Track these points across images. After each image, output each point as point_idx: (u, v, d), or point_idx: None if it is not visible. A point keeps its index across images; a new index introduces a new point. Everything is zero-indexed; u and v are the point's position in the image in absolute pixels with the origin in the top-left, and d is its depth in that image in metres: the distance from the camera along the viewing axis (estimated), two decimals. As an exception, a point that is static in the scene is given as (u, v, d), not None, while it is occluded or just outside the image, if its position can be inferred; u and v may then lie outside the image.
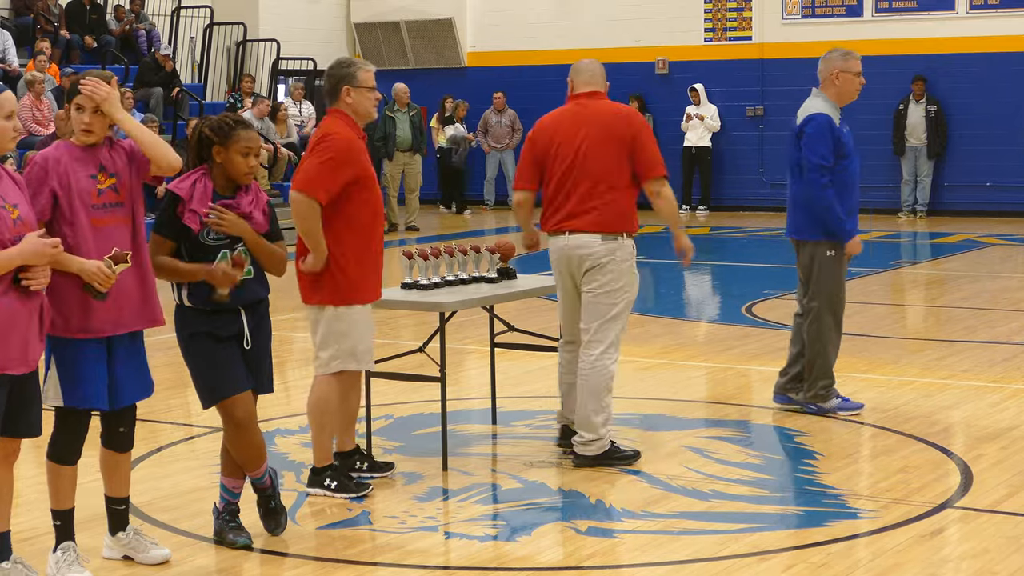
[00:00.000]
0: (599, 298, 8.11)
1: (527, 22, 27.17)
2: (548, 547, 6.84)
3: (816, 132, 9.18)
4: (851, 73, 9.31)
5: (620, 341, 8.20)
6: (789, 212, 9.46)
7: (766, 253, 20.00)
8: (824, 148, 9.15)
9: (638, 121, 8.21)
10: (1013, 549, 6.65)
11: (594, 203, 8.10)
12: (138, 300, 6.27)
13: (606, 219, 8.09)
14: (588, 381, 8.11)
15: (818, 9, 24.99)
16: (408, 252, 8.30)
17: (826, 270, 9.32)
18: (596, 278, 8.10)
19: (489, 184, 26.78)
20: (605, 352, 8.11)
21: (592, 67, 8.35)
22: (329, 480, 7.63)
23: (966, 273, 16.60)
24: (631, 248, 8.15)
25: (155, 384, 6.66)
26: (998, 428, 9.06)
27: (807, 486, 7.82)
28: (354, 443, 8.00)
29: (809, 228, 9.33)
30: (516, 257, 9.23)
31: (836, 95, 9.34)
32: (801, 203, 9.33)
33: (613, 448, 8.23)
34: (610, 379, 8.14)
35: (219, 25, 25.70)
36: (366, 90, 7.64)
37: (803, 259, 9.43)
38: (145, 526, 6.97)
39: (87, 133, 6.18)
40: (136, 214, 6.28)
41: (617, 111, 8.23)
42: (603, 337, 8.11)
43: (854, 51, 9.47)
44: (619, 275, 8.10)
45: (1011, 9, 23.56)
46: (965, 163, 23.84)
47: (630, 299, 8.17)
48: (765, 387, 10.66)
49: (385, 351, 8.74)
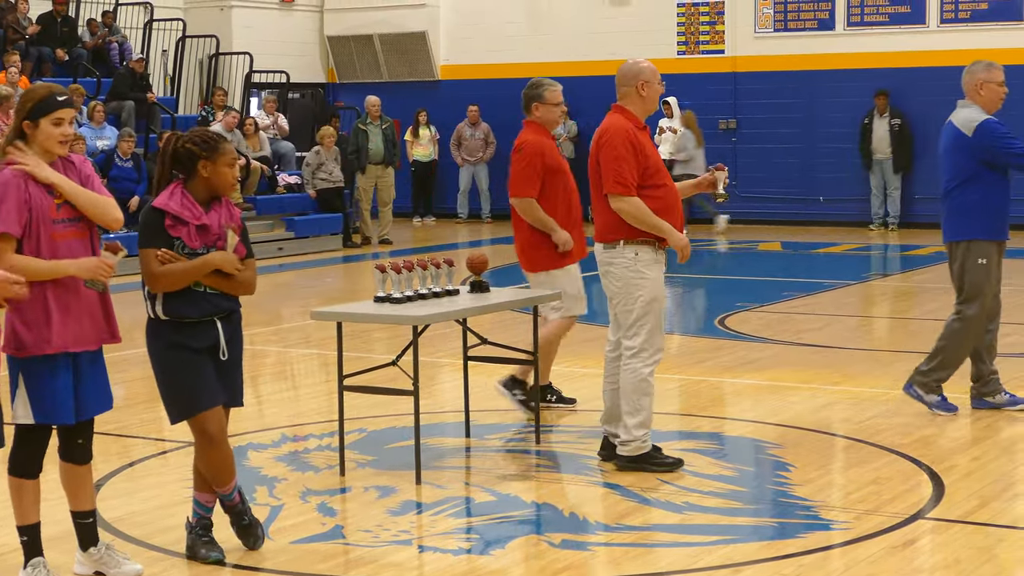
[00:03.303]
0: (616, 306, 8.37)
1: (501, 35, 27.18)
2: (522, 560, 6.84)
3: (996, 132, 9.44)
4: (994, 83, 9.54)
5: (654, 343, 8.27)
6: (943, 218, 9.73)
7: (739, 265, 20.05)
8: (1006, 141, 9.43)
9: (604, 139, 8.27)
10: (984, 559, 6.67)
11: (597, 214, 8.39)
12: (100, 317, 6.30)
13: (604, 228, 8.31)
14: (622, 384, 8.33)
15: (790, 23, 25.07)
16: (381, 265, 8.30)
17: (974, 272, 9.55)
18: (608, 286, 8.37)
19: (462, 197, 26.79)
20: (636, 355, 8.27)
21: (617, 75, 8.48)
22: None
23: (937, 285, 16.63)
24: (633, 254, 8.22)
25: (128, 399, 6.65)
26: (969, 439, 9.10)
27: (780, 498, 7.83)
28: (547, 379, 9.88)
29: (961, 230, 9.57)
30: (489, 270, 9.25)
31: (982, 105, 9.57)
32: (959, 208, 9.55)
33: (651, 453, 8.34)
34: (642, 381, 8.24)
35: (191, 38, 25.66)
36: (552, 105, 9.57)
37: (954, 263, 9.69)
38: (117, 541, 6.94)
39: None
40: (92, 227, 6.31)
41: (600, 128, 8.39)
42: (632, 343, 8.29)
43: (996, 62, 9.70)
44: (626, 281, 8.24)
45: (981, 23, 23.68)
46: (934, 176, 23.87)
47: (647, 301, 8.22)
48: (738, 399, 10.70)
49: (358, 364, 8.74)
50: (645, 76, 8.38)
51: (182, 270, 6.49)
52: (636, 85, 8.36)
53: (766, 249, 22.18)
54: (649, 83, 8.38)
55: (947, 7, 23.97)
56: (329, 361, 11.41)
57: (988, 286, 9.59)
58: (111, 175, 19.45)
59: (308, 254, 21.86)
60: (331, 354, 9.87)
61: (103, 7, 25.00)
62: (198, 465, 6.76)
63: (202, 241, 6.55)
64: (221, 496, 6.81)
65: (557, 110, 9.64)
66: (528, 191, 9.50)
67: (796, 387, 10.86)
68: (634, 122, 8.33)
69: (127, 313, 7.70)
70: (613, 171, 8.19)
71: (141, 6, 25.49)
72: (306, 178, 23.01)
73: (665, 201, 8.27)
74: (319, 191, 22.82)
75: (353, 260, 21.64)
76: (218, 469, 6.70)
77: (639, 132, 8.30)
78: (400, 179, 24.52)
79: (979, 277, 9.55)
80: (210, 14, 26.62)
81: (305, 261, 21.22)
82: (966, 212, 9.54)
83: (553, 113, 9.65)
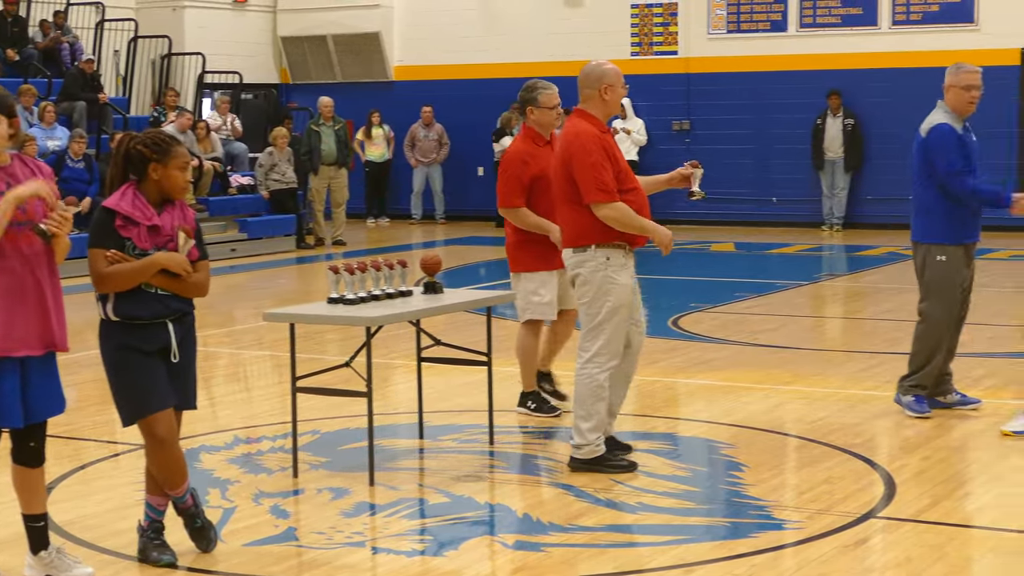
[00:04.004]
0: (581, 309, 8.37)
1: (455, 36, 27.15)
2: (476, 561, 6.83)
3: (939, 141, 9.44)
4: (959, 87, 9.51)
5: (611, 349, 8.28)
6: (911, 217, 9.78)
7: (692, 266, 20.08)
8: (951, 155, 9.39)
9: (577, 146, 8.21)
10: (936, 558, 6.71)
11: (564, 219, 8.41)
12: (49, 322, 6.24)
13: (573, 233, 8.31)
14: (576, 389, 8.34)
15: (743, 24, 25.16)
16: (335, 267, 8.28)
17: (936, 272, 9.58)
18: (577, 290, 8.36)
19: (416, 198, 26.77)
20: (591, 360, 8.28)
21: (580, 77, 8.45)
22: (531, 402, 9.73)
23: (889, 285, 16.73)
24: (605, 258, 8.23)
25: (80, 401, 6.61)
26: (920, 439, 9.15)
27: (733, 498, 7.86)
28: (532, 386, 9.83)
29: (922, 231, 9.63)
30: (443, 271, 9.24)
31: (951, 107, 9.57)
32: (920, 208, 9.62)
33: (605, 456, 8.35)
34: (597, 387, 8.26)
35: (143, 38, 25.54)
36: (547, 109, 9.43)
37: (917, 261, 9.73)
38: (68, 545, 6.90)
39: None
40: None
41: (565, 133, 8.35)
42: (589, 346, 8.30)
43: (969, 64, 9.68)
44: (595, 285, 8.23)
45: (932, 24, 23.81)
46: (884, 176, 24.02)
47: (613, 308, 8.24)
48: (692, 399, 10.73)
49: (311, 366, 8.72)
50: (609, 79, 8.35)
51: (129, 270, 6.45)
52: (600, 88, 8.33)
53: (719, 250, 22.24)
54: (612, 87, 8.35)
55: (899, 9, 24.10)
56: (282, 363, 11.38)
57: (948, 284, 9.60)
58: (63, 176, 19.33)
59: (261, 255, 21.79)
60: (284, 355, 9.85)
61: (54, 7, 24.87)
62: (150, 468, 6.73)
63: (153, 242, 6.52)
64: (174, 499, 6.77)
65: (552, 113, 9.51)
66: (514, 201, 9.46)
67: (749, 387, 10.90)
68: (598, 126, 8.32)
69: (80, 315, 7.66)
70: (594, 179, 8.16)
71: (93, 6, 25.35)
72: (259, 179, 22.95)
73: (636, 204, 8.30)
74: (272, 192, 22.76)
75: (306, 261, 21.59)
76: (169, 472, 6.67)
77: (606, 136, 8.30)
78: (354, 180, 24.46)
79: (938, 273, 9.57)
80: (162, 14, 26.50)
81: (258, 262, 21.15)
82: (926, 212, 9.58)
83: (548, 116, 9.52)
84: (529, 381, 9.83)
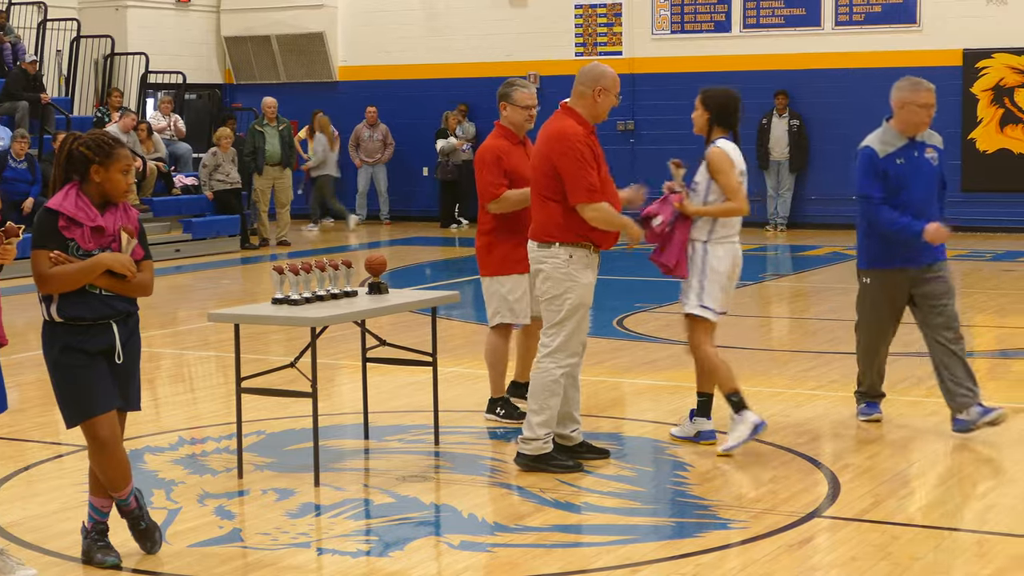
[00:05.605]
0: (543, 304, 8.40)
1: (398, 37, 27.12)
2: (421, 562, 6.83)
3: (860, 163, 9.32)
4: (915, 104, 9.17)
5: (570, 347, 8.33)
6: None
7: (637, 266, 20.10)
8: (864, 180, 9.23)
9: (565, 146, 8.19)
10: (880, 557, 6.76)
11: (535, 212, 8.40)
12: None
13: (540, 228, 8.32)
14: (532, 382, 8.38)
15: (687, 25, 25.25)
16: (279, 267, 8.26)
17: (860, 293, 9.53)
18: (539, 285, 8.40)
19: (361, 198, 26.69)
20: (551, 355, 8.31)
21: (578, 73, 8.41)
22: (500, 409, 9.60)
23: (833, 285, 16.83)
24: (568, 256, 8.24)
25: (23, 402, 6.56)
26: (865, 438, 9.21)
27: (678, 497, 7.89)
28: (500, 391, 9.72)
29: (858, 251, 9.55)
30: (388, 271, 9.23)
31: (899, 125, 9.25)
32: (858, 228, 9.50)
33: (551, 454, 8.36)
34: (553, 382, 8.29)
35: (86, 38, 25.36)
36: (520, 108, 9.38)
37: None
38: (11, 546, 6.86)
39: None
40: None
41: (550, 130, 8.31)
42: (549, 341, 8.34)
43: (924, 80, 9.26)
44: (556, 282, 8.26)
45: (875, 26, 23.96)
46: (828, 176, 24.16)
47: (574, 305, 8.29)
48: (637, 400, 10.76)
49: (256, 367, 8.69)
50: (605, 83, 8.32)
51: (73, 271, 6.42)
52: (594, 88, 8.30)
53: (664, 250, 22.24)
54: (606, 91, 8.32)
55: (842, 10, 24.24)
56: (227, 363, 11.34)
57: (870, 307, 9.42)
58: (5, 176, 19.19)
59: (205, 256, 21.70)
60: (229, 356, 9.80)
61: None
62: (94, 469, 6.69)
63: (97, 243, 6.48)
64: (117, 501, 6.74)
65: (525, 112, 9.43)
66: (498, 190, 9.35)
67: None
68: (586, 127, 8.30)
69: (23, 316, 7.62)
70: (583, 179, 8.16)
71: (35, 6, 25.14)
72: (203, 179, 22.85)
73: (613, 206, 8.34)
74: (216, 192, 22.66)
75: (251, 262, 21.51)
76: (113, 474, 6.63)
77: (591, 136, 8.29)
78: (297, 181, 24.37)
79: (861, 295, 9.51)
80: (105, 14, 26.33)
81: (202, 263, 21.06)
82: (862, 233, 9.44)
83: (520, 115, 9.43)
84: (498, 387, 9.78)
